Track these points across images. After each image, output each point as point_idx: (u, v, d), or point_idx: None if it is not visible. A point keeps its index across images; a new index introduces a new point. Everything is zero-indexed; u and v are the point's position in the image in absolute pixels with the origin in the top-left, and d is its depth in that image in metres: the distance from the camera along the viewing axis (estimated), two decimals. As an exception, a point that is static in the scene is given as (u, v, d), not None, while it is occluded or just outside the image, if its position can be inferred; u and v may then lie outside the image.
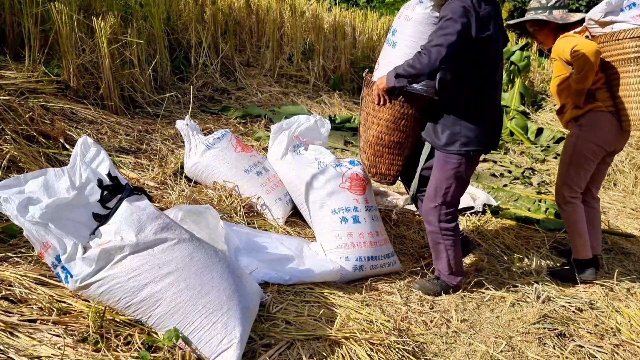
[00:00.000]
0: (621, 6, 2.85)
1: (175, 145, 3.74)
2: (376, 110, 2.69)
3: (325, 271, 2.52)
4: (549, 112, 7.57)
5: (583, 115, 2.97)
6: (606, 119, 2.93)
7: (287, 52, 6.55)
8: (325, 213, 2.77)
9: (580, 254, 3.09)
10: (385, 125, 2.69)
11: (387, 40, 2.73)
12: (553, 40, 3.02)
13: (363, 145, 2.83)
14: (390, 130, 2.70)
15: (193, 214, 2.29)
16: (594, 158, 3.03)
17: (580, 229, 3.08)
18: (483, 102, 2.51)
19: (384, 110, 2.66)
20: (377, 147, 2.76)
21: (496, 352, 2.30)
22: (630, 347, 2.53)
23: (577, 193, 3.08)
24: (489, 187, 4.50)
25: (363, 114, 2.81)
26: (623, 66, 2.83)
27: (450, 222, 2.62)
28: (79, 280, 1.74)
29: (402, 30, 2.62)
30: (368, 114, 2.75)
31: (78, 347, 1.68)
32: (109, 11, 4.12)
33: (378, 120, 2.71)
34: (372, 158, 2.79)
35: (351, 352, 2.01)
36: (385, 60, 2.69)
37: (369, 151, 2.79)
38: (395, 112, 2.65)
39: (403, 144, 2.74)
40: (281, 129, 3.16)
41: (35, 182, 1.83)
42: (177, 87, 4.97)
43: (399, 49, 2.62)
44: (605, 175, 3.31)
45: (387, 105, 2.64)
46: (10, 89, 3.27)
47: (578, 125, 2.99)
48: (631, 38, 2.76)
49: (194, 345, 1.75)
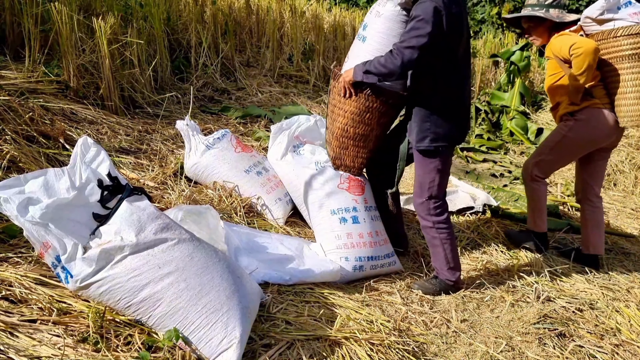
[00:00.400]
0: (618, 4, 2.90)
1: (176, 145, 3.74)
2: (342, 103, 2.75)
3: (325, 271, 2.52)
4: (549, 112, 7.57)
5: (580, 111, 3.01)
6: (602, 116, 2.98)
7: (287, 52, 6.55)
8: (325, 213, 2.77)
9: (537, 227, 3.35)
10: (351, 117, 2.75)
11: (357, 35, 2.79)
12: (547, 38, 3.07)
13: (329, 137, 2.90)
14: (356, 123, 2.76)
15: (193, 214, 2.29)
16: (579, 152, 3.12)
17: (542, 206, 3.30)
18: (454, 100, 2.56)
19: (350, 102, 2.72)
20: (342, 139, 2.82)
21: (496, 352, 2.30)
22: (630, 347, 2.53)
23: (545, 176, 3.26)
24: (489, 187, 4.50)
25: (330, 106, 2.88)
26: (619, 63, 2.89)
27: (441, 215, 2.66)
28: (79, 280, 1.74)
29: (372, 25, 2.68)
30: (334, 106, 2.81)
31: (78, 347, 1.68)
32: (109, 11, 4.12)
33: (344, 112, 2.76)
34: (337, 150, 2.86)
35: (351, 352, 2.01)
36: (354, 54, 2.76)
37: (334, 143, 2.86)
38: (360, 105, 2.71)
39: (368, 137, 2.80)
40: (281, 129, 3.16)
41: (36, 182, 1.83)
42: (177, 87, 4.97)
43: (368, 43, 2.68)
44: (605, 171, 3.37)
45: (353, 98, 2.70)
46: (11, 89, 3.27)
47: (574, 119, 3.04)
48: (628, 35, 2.82)
49: (194, 346, 1.75)
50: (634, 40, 2.83)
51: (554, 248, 3.54)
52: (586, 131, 3.02)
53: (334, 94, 2.81)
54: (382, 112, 2.74)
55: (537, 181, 3.25)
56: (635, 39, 2.83)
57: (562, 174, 5.41)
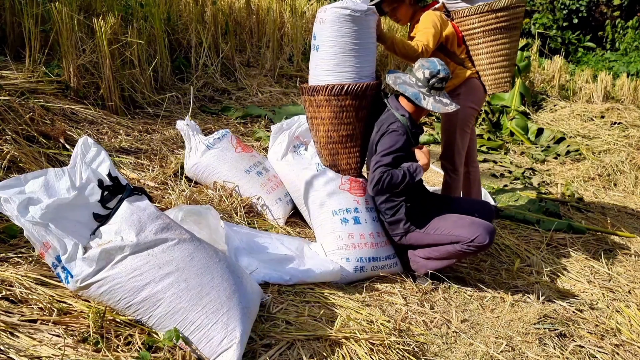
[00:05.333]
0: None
1: (176, 145, 3.74)
2: (317, 112, 2.82)
3: (326, 271, 2.52)
4: (549, 112, 7.58)
5: (461, 85, 3.14)
6: (477, 84, 3.18)
7: (288, 52, 6.55)
8: (326, 214, 2.77)
9: None
10: (330, 122, 2.80)
11: (312, 46, 2.86)
12: (411, 15, 3.15)
13: (318, 149, 2.94)
14: (336, 126, 2.80)
15: (193, 214, 2.29)
16: (472, 120, 3.27)
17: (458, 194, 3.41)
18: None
19: (323, 109, 2.78)
20: (330, 146, 2.86)
21: (496, 352, 2.30)
22: (630, 347, 2.53)
23: (463, 159, 3.32)
24: (489, 187, 4.50)
25: (308, 120, 2.94)
26: (475, 39, 3.12)
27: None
28: (80, 280, 1.74)
29: (320, 32, 2.76)
30: (311, 118, 2.87)
31: (78, 348, 1.68)
32: (110, 11, 4.12)
33: (322, 120, 2.82)
34: (329, 158, 2.89)
35: (351, 352, 2.01)
36: (313, 64, 2.85)
37: (324, 152, 2.90)
38: (334, 107, 2.76)
39: (353, 136, 2.83)
40: (281, 129, 3.16)
41: (36, 182, 1.83)
42: (178, 87, 4.97)
43: (322, 50, 2.76)
44: (476, 139, 3.60)
45: (325, 104, 2.77)
46: (11, 89, 3.27)
47: (456, 95, 3.14)
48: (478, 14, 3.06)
49: (194, 346, 1.75)
50: (481, 18, 3.06)
51: (554, 248, 3.54)
52: (470, 100, 3.16)
53: (307, 107, 2.87)
54: (356, 107, 2.77)
55: (459, 171, 3.31)
56: (485, 16, 3.06)
57: (562, 174, 5.41)
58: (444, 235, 2.63)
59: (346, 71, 2.73)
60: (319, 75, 2.79)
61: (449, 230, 2.61)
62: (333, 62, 2.73)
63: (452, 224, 2.63)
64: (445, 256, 2.66)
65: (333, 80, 2.74)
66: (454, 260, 2.70)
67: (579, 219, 4.21)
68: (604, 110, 7.30)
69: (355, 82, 2.72)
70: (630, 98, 8.53)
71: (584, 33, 13.62)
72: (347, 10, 2.65)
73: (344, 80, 2.72)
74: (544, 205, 4.21)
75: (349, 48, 2.71)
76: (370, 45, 2.79)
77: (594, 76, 9.11)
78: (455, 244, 2.60)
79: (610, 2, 13.61)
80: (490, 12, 3.04)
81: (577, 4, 13.47)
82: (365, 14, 2.70)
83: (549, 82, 8.74)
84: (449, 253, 2.63)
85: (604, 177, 5.40)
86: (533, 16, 13.88)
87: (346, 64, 2.73)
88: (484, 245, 2.55)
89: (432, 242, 2.68)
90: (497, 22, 3.07)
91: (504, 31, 3.10)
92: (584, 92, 8.43)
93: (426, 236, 2.69)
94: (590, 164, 5.60)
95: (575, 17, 13.56)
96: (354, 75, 2.74)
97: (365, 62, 2.77)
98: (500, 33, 3.09)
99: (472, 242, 2.55)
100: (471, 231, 2.56)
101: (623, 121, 6.83)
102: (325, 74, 2.76)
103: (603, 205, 4.69)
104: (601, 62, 12.57)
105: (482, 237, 2.53)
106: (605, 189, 5.18)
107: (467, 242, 2.55)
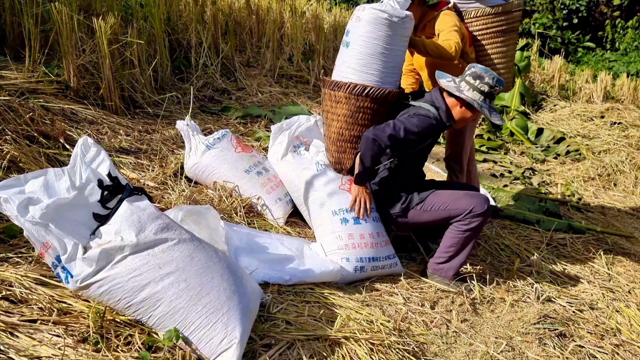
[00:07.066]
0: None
1: (176, 145, 3.74)
2: (334, 107, 2.82)
3: (326, 271, 2.52)
4: (549, 112, 7.58)
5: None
6: None
7: (288, 53, 6.55)
8: (326, 214, 2.77)
9: None
10: (344, 120, 2.81)
11: (342, 42, 2.86)
12: (419, 16, 3.14)
13: (327, 144, 2.96)
14: (350, 125, 2.81)
15: (193, 214, 2.29)
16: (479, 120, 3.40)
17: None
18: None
19: (341, 106, 2.79)
20: (339, 143, 2.87)
21: (496, 352, 2.30)
22: (630, 347, 2.53)
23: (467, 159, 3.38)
24: (489, 187, 4.50)
25: (324, 114, 2.95)
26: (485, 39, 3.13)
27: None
28: (79, 280, 1.74)
29: (354, 30, 2.76)
30: (327, 112, 2.88)
31: (78, 348, 1.68)
32: (109, 11, 4.12)
33: (337, 116, 2.83)
34: (335, 155, 2.91)
35: (351, 352, 2.01)
36: (340, 60, 2.85)
37: (332, 148, 2.91)
38: (351, 107, 2.77)
39: None
40: (281, 129, 3.16)
41: (36, 182, 1.83)
42: (177, 87, 4.97)
43: (352, 48, 2.77)
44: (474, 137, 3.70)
45: (344, 101, 2.77)
46: (11, 89, 3.27)
47: None
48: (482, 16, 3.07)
49: (194, 346, 1.75)
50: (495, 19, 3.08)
51: (554, 248, 3.54)
52: None
53: (325, 101, 2.88)
54: (374, 111, 2.77)
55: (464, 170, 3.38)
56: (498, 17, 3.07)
57: (562, 174, 5.41)
58: (441, 211, 2.69)
59: (371, 73, 2.74)
60: (343, 71, 2.80)
61: (446, 205, 2.68)
62: (361, 62, 2.73)
63: (447, 197, 2.71)
64: (459, 244, 2.69)
65: (356, 79, 2.74)
66: (470, 244, 2.72)
67: (579, 219, 4.21)
68: (604, 110, 7.30)
69: (378, 86, 2.72)
70: (630, 98, 8.53)
71: (583, 33, 13.62)
72: (385, 14, 2.65)
73: (366, 82, 2.73)
74: (544, 205, 4.21)
75: (378, 51, 2.71)
76: (400, 52, 2.79)
77: (594, 76, 9.11)
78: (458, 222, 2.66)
79: (610, 2, 13.61)
80: (503, 14, 3.07)
81: (577, 4, 13.46)
82: (403, 20, 2.70)
83: (548, 82, 8.74)
84: (459, 239, 2.67)
85: (604, 177, 5.40)
86: (533, 16, 13.87)
87: (372, 67, 2.73)
88: (483, 212, 2.63)
89: (431, 218, 2.74)
90: (507, 23, 3.10)
91: (509, 32, 3.14)
92: (583, 92, 8.44)
93: (424, 213, 2.74)
94: (590, 164, 5.60)
95: (575, 17, 13.55)
96: (378, 79, 2.74)
97: (391, 68, 2.77)
98: (507, 33, 3.13)
99: (470, 213, 2.62)
100: (467, 202, 2.64)
101: (623, 121, 6.84)
102: (350, 72, 2.77)
103: (603, 205, 4.69)
104: (601, 62, 12.57)
105: (479, 205, 2.63)
106: (605, 189, 5.18)
107: (467, 214, 2.62)
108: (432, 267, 2.78)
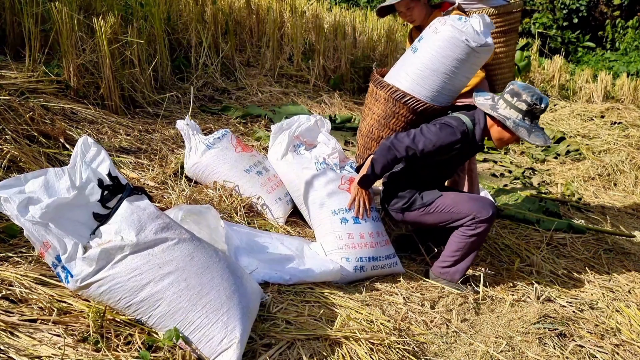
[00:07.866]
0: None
1: (176, 145, 3.74)
2: (372, 104, 2.81)
3: (326, 271, 2.52)
4: (549, 112, 7.57)
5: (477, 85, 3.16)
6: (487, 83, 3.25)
7: (288, 52, 6.55)
8: (326, 214, 2.77)
9: None
10: (377, 119, 2.80)
11: (412, 45, 2.79)
12: (424, 15, 3.12)
13: (358, 136, 2.99)
14: (381, 126, 2.80)
15: (193, 214, 2.29)
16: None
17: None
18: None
19: (379, 105, 2.77)
20: (367, 140, 2.88)
21: (496, 352, 2.30)
22: (630, 347, 2.53)
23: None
24: (489, 187, 4.50)
25: (364, 106, 2.94)
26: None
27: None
28: (79, 280, 1.74)
29: (427, 39, 2.66)
30: (366, 106, 2.88)
31: (78, 347, 1.68)
32: (109, 11, 4.12)
33: (372, 113, 2.82)
34: (361, 149, 2.94)
35: (351, 352, 2.01)
36: (401, 62, 2.79)
37: (360, 141, 2.94)
38: (388, 109, 2.74)
39: None
40: (281, 128, 3.16)
41: (36, 182, 1.83)
42: (178, 87, 4.97)
43: (418, 56, 2.68)
44: None
45: (382, 101, 2.74)
46: (11, 89, 3.27)
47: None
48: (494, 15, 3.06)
49: (194, 345, 1.75)
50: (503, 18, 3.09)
51: (554, 248, 3.54)
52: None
53: (368, 94, 2.87)
54: (409, 120, 2.72)
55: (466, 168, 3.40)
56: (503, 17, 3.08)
57: (562, 174, 5.41)
58: (444, 213, 2.67)
59: (425, 88, 2.65)
60: (399, 74, 2.73)
61: (450, 208, 2.65)
62: (420, 73, 2.64)
63: (452, 200, 2.67)
64: (464, 249, 2.67)
65: (407, 88, 2.66)
66: (476, 249, 2.70)
67: (579, 219, 4.21)
68: (604, 110, 7.30)
69: (427, 102, 2.65)
70: (630, 98, 8.53)
71: (584, 33, 13.62)
72: (464, 35, 2.53)
73: (416, 94, 2.64)
74: (544, 205, 4.21)
75: (442, 70, 2.60)
76: (464, 79, 2.70)
77: (594, 76, 9.12)
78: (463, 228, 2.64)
79: (610, 2, 13.61)
80: (504, 14, 3.07)
81: (577, 4, 13.46)
82: (481, 47, 2.56)
83: (549, 81, 8.74)
84: (465, 244, 2.65)
85: (604, 177, 5.40)
86: (533, 16, 13.88)
87: (429, 82, 2.64)
88: (488, 217, 2.60)
89: (434, 221, 2.72)
90: (508, 24, 3.11)
91: (510, 32, 3.15)
92: (584, 91, 8.44)
93: (427, 215, 2.72)
94: (590, 164, 5.60)
95: (575, 16, 13.55)
96: (429, 96, 2.65)
97: (448, 90, 2.68)
98: (508, 34, 3.14)
99: (475, 218, 2.60)
100: (471, 206, 2.62)
101: (623, 121, 6.84)
102: (404, 78, 2.69)
103: (603, 205, 4.69)
104: (601, 62, 12.57)
105: (484, 210, 2.60)
106: (605, 189, 5.18)
107: (471, 219, 2.60)
108: (437, 270, 2.77)
